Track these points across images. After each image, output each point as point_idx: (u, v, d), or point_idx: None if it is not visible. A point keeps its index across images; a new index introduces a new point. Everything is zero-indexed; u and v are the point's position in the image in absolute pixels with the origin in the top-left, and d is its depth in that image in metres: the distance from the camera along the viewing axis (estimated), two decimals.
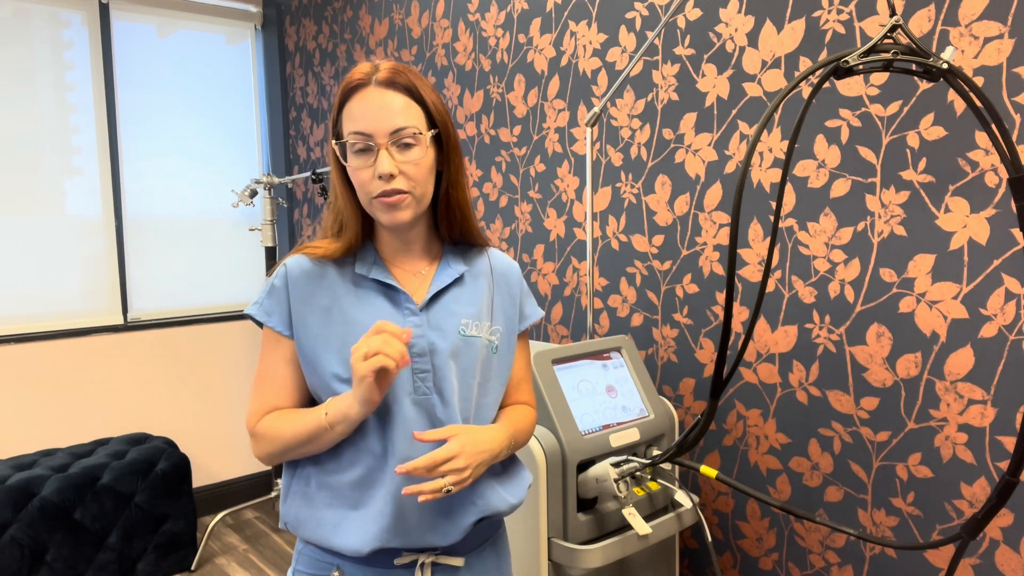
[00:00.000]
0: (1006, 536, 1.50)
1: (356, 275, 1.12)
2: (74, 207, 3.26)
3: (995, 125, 0.99)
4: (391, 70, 1.06)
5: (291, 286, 1.10)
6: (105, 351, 3.31)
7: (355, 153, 1.05)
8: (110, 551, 2.74)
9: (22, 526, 2.56)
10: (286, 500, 1.14)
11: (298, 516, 1.11)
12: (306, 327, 1.09)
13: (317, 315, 1.09)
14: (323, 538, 1.09)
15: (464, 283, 1.16)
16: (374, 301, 1.10)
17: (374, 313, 1.09)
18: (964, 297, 1.52)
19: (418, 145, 1.06)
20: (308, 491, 1.11)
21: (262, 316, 1.11)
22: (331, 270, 1.11)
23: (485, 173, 2.65)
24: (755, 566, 1.94)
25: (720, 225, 1.94)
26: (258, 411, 1.11)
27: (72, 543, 2.66)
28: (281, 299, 1.10)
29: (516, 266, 1.24)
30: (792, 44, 1.76)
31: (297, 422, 1.06)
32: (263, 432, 1.09)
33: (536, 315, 1.25)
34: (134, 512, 2.79)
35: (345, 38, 3.31)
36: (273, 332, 1.11)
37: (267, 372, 1.12)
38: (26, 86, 3.11)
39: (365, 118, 1.04)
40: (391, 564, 1.11)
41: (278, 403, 1.12)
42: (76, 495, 2.67)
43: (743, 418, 1.93)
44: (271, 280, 1.12)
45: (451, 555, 1.14)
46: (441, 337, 1.10)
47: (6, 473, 2.68)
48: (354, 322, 1.09)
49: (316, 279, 1.11)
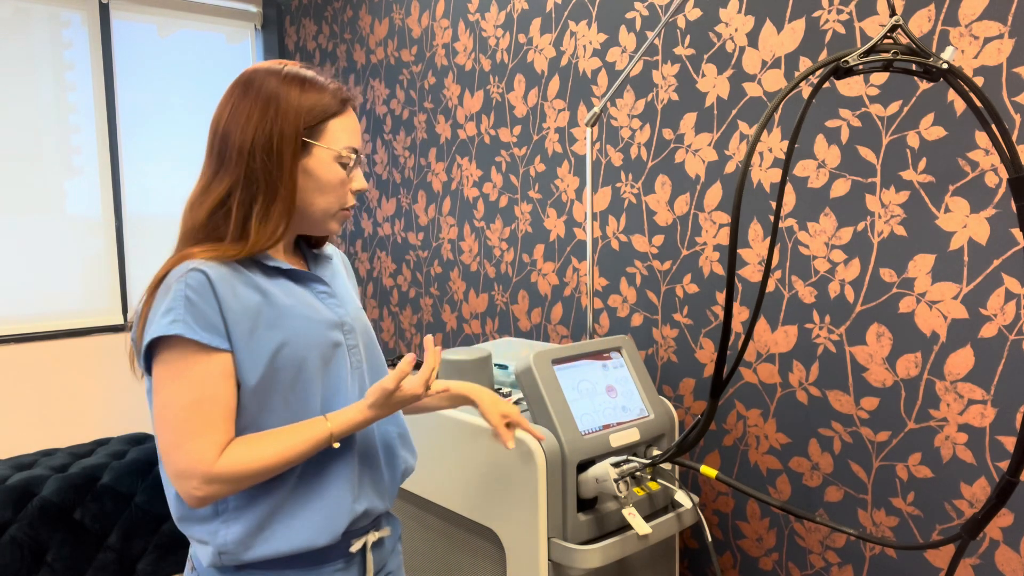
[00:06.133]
0: (1006, 536, 1.50)
1: (266, 267, 1.09)
2: (74, 207, 3.25)
3: (995, 125, 0.99)
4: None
5: (219, 293, 1.00)
6: (105, 351, 3.31)
7: (340, 164, 1.10)
8: (110, 551, 2.74)
9: (22, 526, 2.56)
10: (217, 530, 1.03)
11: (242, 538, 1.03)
12: (244, 333, 1.02)
13: (251, 317, 1.03)
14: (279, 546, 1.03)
15: (333, 264, 1.24)
16: (293, 289, 1.10)
17: (300, 299, 1.09)
18: (964, 297, 1.52)
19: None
20: (247, 505, 1.04)
21: (190, 334, 0.96)
22: (241, 268, 1.05)
23: (485, 173, 2.65)
24: (755, 566, 1.94)
25: (720, 225, 1.94)
26: (210, 447, 0.97)
27: (72, 543, 2.66)
28: (206, 310, 0.99)
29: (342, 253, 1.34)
30: (792, 44, 1.76)
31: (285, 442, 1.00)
32: (231, 470, 0.97)
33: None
34: (134, 512, 2.79)
35: (345, 38, 3.31)
36: (201, 348, 0.98)
37: (203, 396, 0.97)
38: (26, 86, 3.11)
39: (358, 136, 1.12)
40: (345, 554, 1.12)
41: (228, 429, 0.99)
42: (76, 495, 2.67)
43: (743, 418, 1.93)
44: (182, 293, 0.98)
45: (380, 528, 1.20)
46: (353, 311, 1.18)
47: (6, 473, 2.68)
48: (289, 312, 1.06)
49: (235, 280, 1.03)
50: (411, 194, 3.01)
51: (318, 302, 1.12)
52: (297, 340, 1.05)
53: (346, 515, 1.09)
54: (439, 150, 2.85)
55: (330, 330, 1.10)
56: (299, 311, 1.07)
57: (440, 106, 2.82)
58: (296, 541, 1.05)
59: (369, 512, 1.13)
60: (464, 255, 2.77)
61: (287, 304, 1.06)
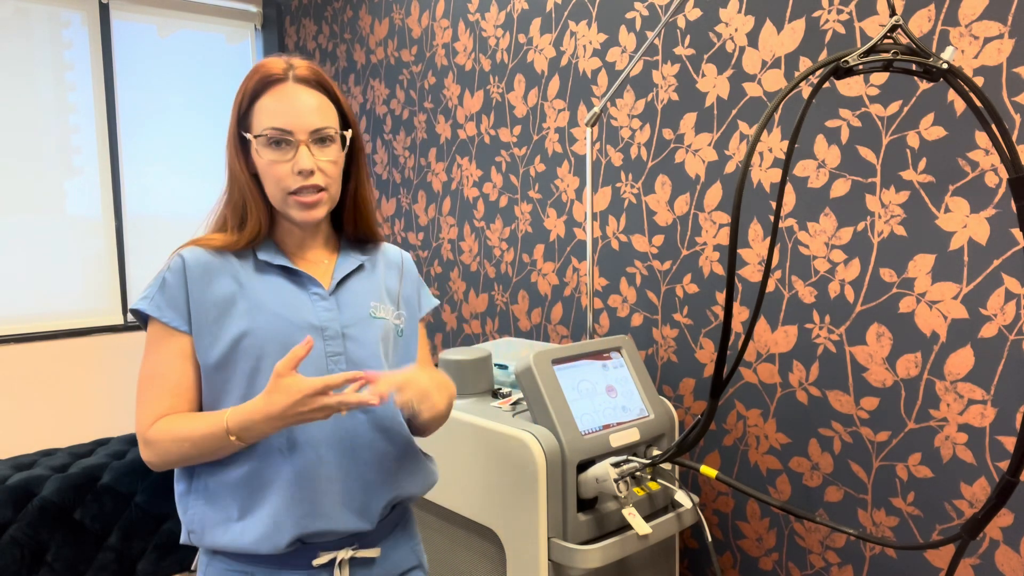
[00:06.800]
0: (1006, 536, 1.50)
1: (260, 262, 1.10)
2: (74, 207, 3.26)
3: (995, 125, 0.99)
4: (309, 68, 1.09)
5: (189, 278, 1.06)
6: (105, 351, 3.31)
7: (271, 147, 1.05)
8: (110, 551, 2.74)
9: (22, 526, 2.56)
10: (187, 507, 1.07)
11: (203, 521, 1.06)
12: (208, 319, 1.05)
13: (219, 304, 1.06)
14: (232, 541, 1.04)
15: (366, 271, 1.18)
16: (281, 285, 1.09)
17: (282, 297, 1.08)
18: (964, 297, 1.52)
19: (335, 144, 1.08)
20: (208, 491, 1.06)
21: (153, 311, 1.04)
22: (232, 260, 1.09)
23: (485, 173, 2.65)
24: (755, 566, 1.94)
25: (720, 225, 1.94)
26: (149, 415, 1.04)
27: (72, 543, 2.66)
28: (176, 293, 1.05)
29: (408, 256, 1.29)
30: (792, 44, 1.76)
31: (193, 424, 1.02)
32: (157, 438, 1.03)
33: (433, 302, 1.29)
34: (134, 512, 2.79)
35: (345, 38, 3.31)
36: (166, 328, 1.05)
37: (157, 371, 1.05)
38: (26, 86, 3.11)
39: (285, 114, 1.04)
40: (308, 565, 1.08)
41: (176, 404, 1.05)
42: (76, 495, 2.67)
43: (743, 418, 1.93)
44: (162, 274, 1.07)
45: (367, 547, 1.12)
46: (351, 319, 1.12)
47: (6, 473, 2.68)
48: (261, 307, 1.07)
49: (214, 269, 1.07)
50: (411, 194, 3.01)
51: (306, 303, 1.09)
52: (259, 332, 1.05)
53: (289, 529, 1.04)
54: (439, 150, 2.85)
55: (302, 331, 1.07)
56: (271, 307, 1.07)
57: (440, 106, 2.82)
58: (239, 542, 1.04)
59: (332, 532, 1.07)
60: (464, 255, 2.77)
61: (261, 299, 1.07)
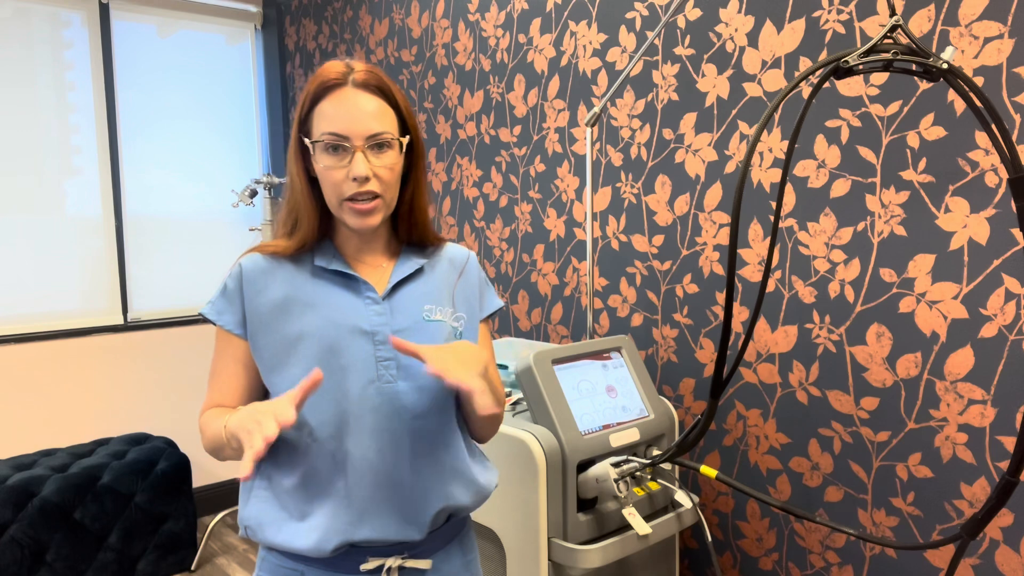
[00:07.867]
0: (1006, 536, 1.50)
1: (316, 267, 1.12)
2: (74, 207, 3.25)
3: (995, 125, 0.99)
4: (368, 72, 1.06)
5: (245, 284, 1.11)
6: (105, 351, 3.31)
7: (327, 153, 1.05)
8: (110, 551, 2.74)
9: (22, 526, 2.56)
10: (247, 502, 1.11)
11: (259, 519, 1.09)
12: (261, 323, 1.09)
13: (272, 309, 1.09)
14: (285, 541, 1.06)
15: (424, 273, 1.17)
16: (335, 290, 1.10)
17: (335, 300, 1.09)
18: (964, 297, 1.52)
19: (392, 149, 1.07)
20: (269, 491, 1.10)
21: (213, 315, 1.12)
22: (287, 264, 1.12)
23: (485, 173, 2.65)
24: (755, 566, 1.94)
25: (720, 225, 1.94)
26: (206, 405, 1.14)
27: (72, 543, 2.66)
28: (234, 298, 1.11)
29: (473, 255, 1.25)
30: (792, 44, 1.76)
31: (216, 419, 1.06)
32: (201, 426, 1.11)
33: (497, 304, 1.26)
34: (134, 512, 2.79)
35: (345, 38, 3.31)
36: (224, 331, 1.12)
37: (217, 369, 1.13)
38: (26, 86, 3.11)
39: (342, 119, 1.03)
40: (357, 569, 1.09)
41: (223, 401, 1.12)
42: (76, 495, 2.67)
43: (743, 418, 1.93)
44: (224, 280, 1.13)
45: (418, 557, 1.11)
46: (404, 323, 1.10)
47: (6, 473, 2.68)
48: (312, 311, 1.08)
49: (269, 274, 1.11)
50: None
51: (359, 307, 1.09)
52: (310, 337, 1.07)
53: (335, 536, 1.05)
54: (439, 150, 2.85)
55: (351, 335, 1.07)
56: (322, 311, 1.08)
57: (440, 106, 2.82)
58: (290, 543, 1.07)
59: (378, 540, 1.07)
60: None
61: (312, 303, 1.09)
